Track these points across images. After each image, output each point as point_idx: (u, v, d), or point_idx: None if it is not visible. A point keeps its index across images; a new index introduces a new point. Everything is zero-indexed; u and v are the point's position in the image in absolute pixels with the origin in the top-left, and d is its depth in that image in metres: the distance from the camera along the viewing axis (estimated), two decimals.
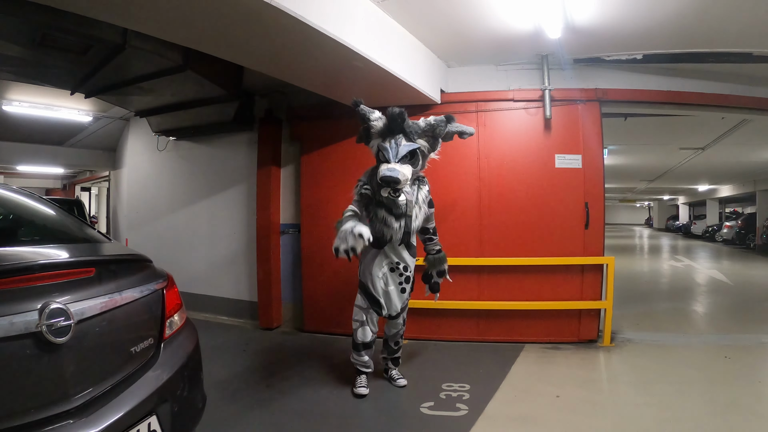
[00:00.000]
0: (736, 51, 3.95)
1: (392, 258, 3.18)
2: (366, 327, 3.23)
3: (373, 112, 3.11)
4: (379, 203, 3.04)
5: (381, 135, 3.09)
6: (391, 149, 2.98)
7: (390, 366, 3.48)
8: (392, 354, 3.45)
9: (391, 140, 3.02)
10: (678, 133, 7.64)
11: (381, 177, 2.88)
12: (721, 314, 5.86)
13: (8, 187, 2.04)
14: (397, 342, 3.41)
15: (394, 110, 3.00)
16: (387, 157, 2.97)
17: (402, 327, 3.37)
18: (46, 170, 11.63)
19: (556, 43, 3.79)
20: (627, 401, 3.06)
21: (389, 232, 3.06)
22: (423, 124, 3.11)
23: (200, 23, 2.56)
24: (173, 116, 5.66)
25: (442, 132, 3.13)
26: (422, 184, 3.22)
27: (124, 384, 1.50)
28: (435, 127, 3.10)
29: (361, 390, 3.21)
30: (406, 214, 3.06)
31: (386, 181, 2.88)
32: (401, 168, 2.91)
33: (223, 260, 5.67)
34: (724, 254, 14.33)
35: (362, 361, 3.28)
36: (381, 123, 3.08)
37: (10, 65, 4.14)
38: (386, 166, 2.92)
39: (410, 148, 3.01)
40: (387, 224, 3.03)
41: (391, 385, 3.38)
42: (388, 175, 2.86)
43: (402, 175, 2.88)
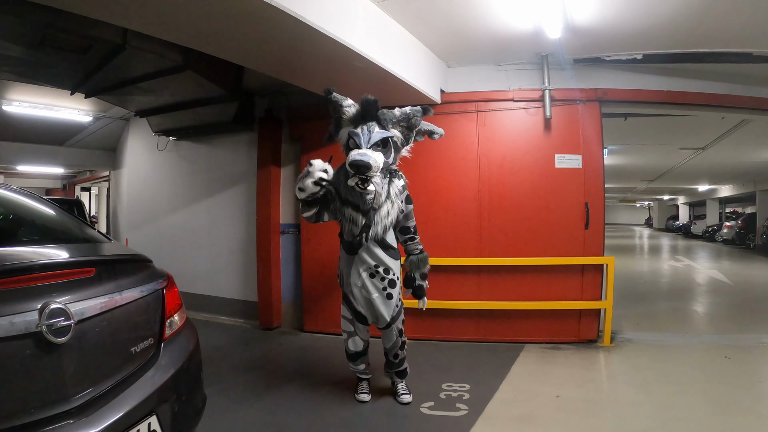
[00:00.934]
0: (736, 51, 3.95)
1: (369, 262, 2.92)
2: (356, 338, 3.06)
3: (346, 99, 2.91)
4: (344, 201, 2.87)
5: (353, 122, 2.88)
6: (363, 135, 2.77)
7: (395, 379, 3.21)
8: (393, 368, 3.16)
9: (363, 126, 2.81)
10: (678, 133, 7.64)
11: (351, 162, 2.66)
12: (721, 314, 5.86)
13: (8, 187, 2.04)
14: (397, 355, 3.08)
15: (369, 97, 2.82)
16: (358, 142, 2.75)
17: (398, 338, 3.04)
18: (46, 170, 11.63)
19: (556, 43, 3.79)
20: (627, 401, 3.06)
21: (355, 230, 2.87)
22: (398, 113, 2.90)
23: (200, 23, 2.56)
24: (173, 116, 5.66)
25: (418, 122, 2.94)
26: (395, 177, 2.98)
27: (124, 384, 1.50)
28: (410, 116, 2.90)
29: (362, 397, 3.15)
30: (373, 208, 2.85)
31: (356, 166, 2.65)
32: (373, 154, 2.69)
33: (223, 260, 5.67)
34: (724, 254, 14.33)
35: (359, 370, 3.18)
36: (353, 110, 2.88)
37: (10, 65, 4.15)
38: (357, 151, 2.70)
39: (383, 135, 2.80)
40: (354, 222, 2.86)
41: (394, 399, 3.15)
42: (359, 159, 2.63)
43: (373, 161, 2.66)
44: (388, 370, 3.22)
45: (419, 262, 3.09)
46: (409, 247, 3.12)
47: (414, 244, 3.12)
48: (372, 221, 2.87)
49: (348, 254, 2.98)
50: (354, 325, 3.06)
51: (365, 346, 3.12)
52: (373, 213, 2.86)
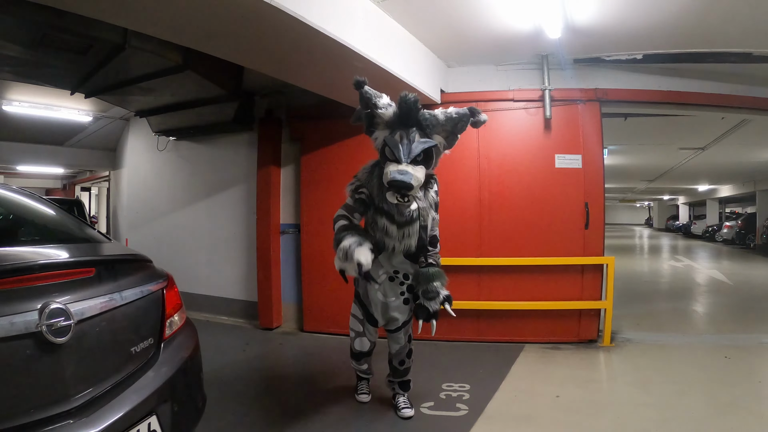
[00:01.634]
0: (736, 51, 3.95)
1: (389, 267, 2.75)
2: (363, 338, 2.92)
3: (382, 96, 2.56)
4: (379, 209, 2.60)
5: (389, 126, 2.55)
6: (402, 146, 2.45)
7: (397, 390, 3.00)
8: (398, 377, 2.97)
9: (403, 135, 2.48)
10: (678, 133, 7.64)
11: (390, 181, 2.39)
12: (721, 314, 5.86)
13: (8, 187, 2.04)
14: (403, 362, 2.92)
15: (409, 97, 2.48)
16: (398, 156, 2.43)
17: (406, 344, 2.91)
18: (46, 170, 11.62)
19: (556, 43, 3.79)
20: (627, 401, 3.06)
21: (390, 242, 2.61)
22: (442, 117, 2.55)
23: (200, 23, 2.56)
24: (173, 116, 5.66)
25: (464, 128, 2.59)
26: (431, 183, 2.75)
27: (124, 384, 1.50)
28: (457, 121, 2.55)
29: (362, 397, 3.12)
30: (416, 222, 2.61)
31: (396, 187, 2.39)
32: (414, 170, 2.41)
33: (223, 260, 5.66)
34: (724, 254, 14.33)
35: (361, 369, 3.11)
36: (391, 111, 2.53)
37: (10, 65, 4.14)
38: (396, 167, 2.40)
39: (426, 145, 2.48)
40: (387, 233, 2.59)
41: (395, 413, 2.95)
42: (400, 179, 2.35)
43: (416, 180, 2.40)
44: (392, 379, 3.03)
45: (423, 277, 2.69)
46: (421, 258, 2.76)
47: (428, 256, 2.76)
48: (407, 234, 2.61)
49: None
50: (364, 326, 2.91)
51: (371, 347, 3.00)
52: (409, 226, 2.60)
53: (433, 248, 2.81)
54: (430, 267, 2.73)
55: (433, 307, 2.69)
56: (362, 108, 2.63)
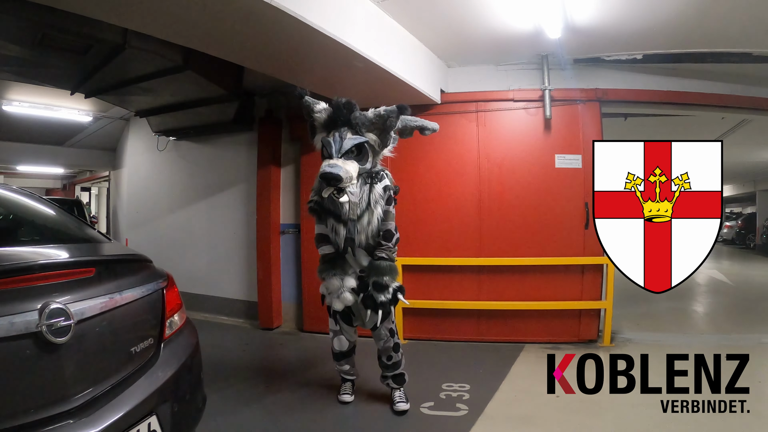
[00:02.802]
0: (736, 51, 3.95)
1: (356, 266, 2.87)
2: (341, 337, 2.98)
3: (318, 103, 2.78)
4: (328, 211, 2.79)
5: (325, 128, 2.75)
6: (334, 143, 2.64)
7: (392, 385, 3.05)
8: (390, 371, 3.02)
9: (335, 133, 2.68)
10: (678, 133, 7.63)
11: (321, 174, 2.58)
12: (721, 314, 5.86)
13: (8, 187, 2.04)
14: (390, 357, 2.97)
15: (340, 100, 2.69)
16: (329, 152, 2.64)
17: (389, 338, 2.95)
18: (46, 170, 11.63)
19: (556, 43, 3.79)
20: (627, 401, 3.06)
21: (339, 240, 2.80)
22: (371, 115, 2.73)
23: (200, 23, 2.56)
24: (173, 116, 5.66)
25: (393, 124, 2.72)
26: (377, 180, 2.84)
27: (124, 384, 1.50)
28: (385, 118, 2.69)
29: (344, 397, 3.08)
30: (350, 219, 2.75)
31: (326, 179, 2.56)
32: (344, 164, 2.58)
33: (223, 260, 5.66)
34: (724, 254, 14.32)
35: (343, 370, 3.11)
36: (325, 114, 2.74)
37: (10, 65, 4.14)
38: (327, 161, 2.61)
39: (355, 141, 2.66)
40: (336, 232, 2.79)
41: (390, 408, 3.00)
42: (328, 171, 2.54)
43: (344, 172, 2.56)
44: (385, 374, 3.07)
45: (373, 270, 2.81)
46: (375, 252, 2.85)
47: (380, 250, 2.84)
48: (354, 232, 2.78)
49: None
50: (339, 324, 2.98)
51: (351, 347, 3.05)
52: (352, 223, 2.76)
53: (386, 242, 2.86)
54: (382, 260, 2.83)
55: (378, 297, 2.81)
56: (305, 117, 2.85)
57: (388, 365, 3.01)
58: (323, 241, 2.92)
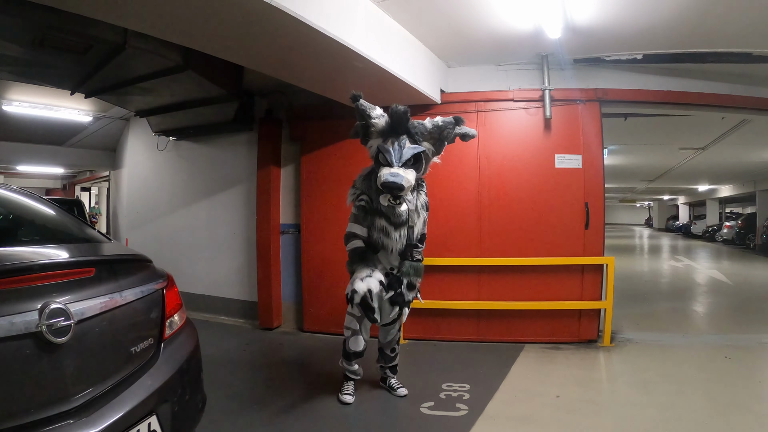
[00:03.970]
0: (736, 51, 3.95)
1: (386, 263, 2.97)
2: (359, 336, 3.04)
3: (374, 108, 2.83)
4: (378, 211, 2.83)
5: (382, 135, 2.81)
6: (393, 152, 2.69)
7: (388, 374, 3.27)
8: (389, 362, 3.24)
9: (394, 141, 2.74)
10: (678, 133, 7.64)
11: (383, 183, 2.62)
12: (721, 314, 5.86)
13: (8, 187, 2.04)
14: (393, 349, 3.21)
15: (399, 108, 2.74)
16: (389, 160, 2.68)
17: (397, 334, 3.19)
18: (46, 170, 11.63)
19: (556, 43, 3.79)
20: (627, 401, 3.06)
21: (389, 243, 2.86)
22: (429, 125, 2.82)
23: (200, 23, 2.56)
24: (173, 116, 5.66)
25: (450, 134, 2.86)
26: (421, 188, 3.00)
27: (124, 384, 1.50)
28: (443, 128, 2.82)
29: (346, 398, 3.07)
30: (407, 224, 2.85)
31: (389, 188, 2.62)
32: (405, 173, 2.65)
33: (223, 260, 5.66)
34: (724, 254, 14.34)
35: (352, 370, 3.14)
36: (383, 121, 2.79)
37: (10, 65, 4.14)
38: (388, 170, 2.65)
39: (415, 151, 2.73)
40: (387, 234, 2.83)
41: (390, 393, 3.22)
42: (392, 181, 2.59)
43: (406, 182, 2.63)
44: (383, 365, 3.27)
45: (412, 269, 2.95)
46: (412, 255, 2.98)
47: (416, 252, 3.01)
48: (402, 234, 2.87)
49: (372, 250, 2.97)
50: (361, 323, 3.03)
51: (365, 347, 3.10)
52: (411, 230, 2.88)
53: (421, 245, 3.06)
54: (419, 263, 3.00)
55: (408, 297, 2.97)
56: (358, 120, 2.90)
57: (391, 357, 3.22)
58: (354, 237, 2.94)
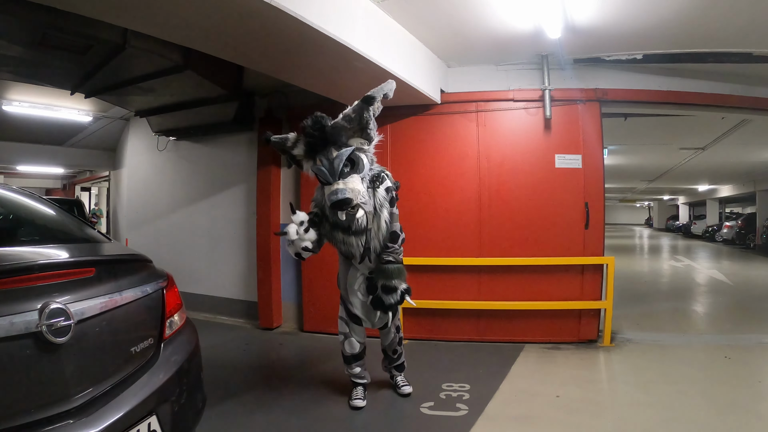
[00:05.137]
0: (736, 51, 3.95)
1: (365, 269, 2.92)
2: (351, 339, 3.02)
3: (286, 137, 2.77)
4: (333, 225, 2.75)
5: (308, 156, 2.71)
6: (325, 169, 2.57)
7: (394, 372, 3.28)
8: (393, 363, 3.24)
9: (321, 158, 2.61)
10: (678, 133, 7.64)
11: (330, 204, 2.55)
12: (721, 314, 5.86)
13: (8, 187, 2.04)
14: (396, 350, 3.18)
15: (307, 122, 2.63)
16: (326, 179, 2.57)
17: (396, 335, 3.14)
18: (46, 170, 11.63)
19: (556, 43, 3.79)
20: (627, 401, 3.06)
21: (354, 251, 2.80)
22: (343, 121, 2.65)
23: (200, 23, 2.56)
24: (173, 116, 5.66)
25: (368, 116, 2.63)
26: (379, 183, 2.79)
27: (124, 384, 1.50)
28: (358, 117, 2.62)
29: (356, 402, 3.03)
30: (366, 229, 2.75)
31: (338, 206, 2.54)
32: (346, 184, 2.53)
33: (223, 260, 5.66)
34: (724, 254, 14.33)
35: (355, 374, 3.12)
36: (301, 145, 2.71)
37: (10, 65, 4.15)
38: (329, 189, 2.55)
39: (345, 156, 2.58)
40: (347, 244, 2.77)
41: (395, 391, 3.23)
42: (336, 199, 2.50)
43: (351, 192, 2.52)
44: (387, 365, 3.29)
45: (381, 273, 2.80)
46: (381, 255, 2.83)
47: (387, 253, 2.82)
48: (369, 241, 2.78)
49: (345, 258, 2.97)
50: (349, 327, 3.04)
51: (362, 348, 3.09)
52: (369, 232, 2.77)
53: (393, 244, 2.85)
54: (389, 264, 2.81)
55: (388, 300, 2.81)
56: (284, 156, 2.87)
57: (393, 358, 3.22)
58: None
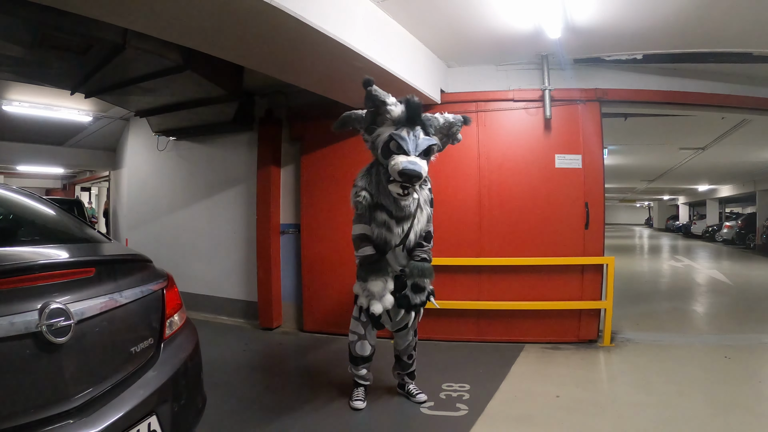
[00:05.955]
0: (736, 51, 3.95)
1: (395, 265, 2.86)
2: (365, 341, 2.95)
3: (388, 96, 2.69)
4: (378, 205, 2.72)
5: (395, 123, 2.67)
6: (409, 140, 2.59)
7: (407, 380, 3.19)
8: (406, 369, 3.15)
9: (410, 131, 2.63)
10: (678, 133, 7.64)
11: (402, 170, 2.50)
12: (721, 314, 5.86)
13: (8, 187, 2.04)
14: (410, 356, 3.11)
15: (414, 99, 2.64)
16: (406, 148, 2.56)
17: (413, 339, 3.09)
18: (46, 170, 11.64)
19: (556, 43, 3.79)
20: (627, 401, 3.06)
21: (391, 237, 2.73)
22: (442, 120, 2.77)
23: (200, 23, 2.56)
24: (173, 116, 5.66)
25: (457, 132, 2.84)
26: (425, 184, 2.89)
27: (124, 384, 1.50)
28: (452, 125, 2.80)
29: (357, 404, 3.01)
30: (410, 218, 2.75)
31: (407, 176, 2.50)
32: (421, 162, 2.56)
33: (223, 260, 5.67)
34: (724, 254, 14.33)
35: (360, 375, 3.07)
36: (399, 109, 2.66)
37: (10, 65, 4.14)
38: (405, 158, 2.53)
39: (429, 143, 2.65)
40: (389, 229, 2.72)
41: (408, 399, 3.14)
42: (411, 169, 2.49)
43: (423, 171, 2.56)
44: (400, 371, 3.18)
45: (416, 270, 2.81)
46: (414, 252, 2.87)
47: (422, 251, 2.87)
48: (405, 229, 2.76)
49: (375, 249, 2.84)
50: (365, 329, 2.95)
51: (372, 351, 3.03)
52: (407, 221, 2.76)
53: (427, 243, 2.91)
54: (424, 262, 2.85)
55: (415, 300, 2.82)
56: (368, 106, 2.73)
57: (408, 363, 3.13)
58: (365, 241, 2.81)
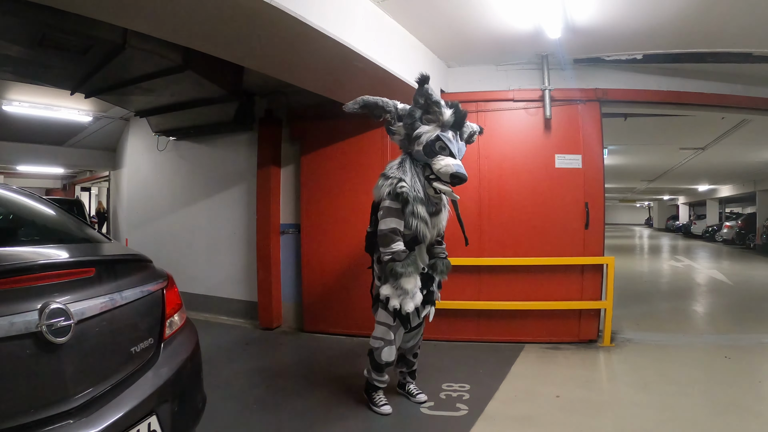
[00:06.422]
0: (736, 51, 3.95)
1: (421, 261, 2.93)
2: (393, 347, 2.86)
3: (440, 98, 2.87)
4: (419, 199, 2.79)
5: (442, 126, 2.80)
6: (455, 144, 2.80)
7: (408, 380, 3.19)
8: (411, 367, 3.18)
9: (455, 135, 2.83)
10: (678, 133, 7.64)
11: (456, 173, 2.71)
12: (721, 314, 5.86)
13: (8, 187, 2.04)
14: (416, 354, 3.16)
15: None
16: (453, 151, 2.77)
17: (421, 336, 3.14)
18: (46, 170, 11.64)
19: (556, 43, 3.79)
20: (627, 401, 3.06)
21: (427, 231, 2.82)
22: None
23: (200, 23, 2.56)
24: (173, 116, 5.66)
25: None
26: None
27: (124, 384, 1.50)
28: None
29: (385, 408, 2.92)
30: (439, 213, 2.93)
31: (459, 178, 2.72)
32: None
33: (223, 260, 5.66)
34: (724, 254, 14.33)
35: (384, 380, 2.97)
36: (450, 113, 2.80)
37: (10, 65, 4.14)
38: (455, 161, 2.75)
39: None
40: (426, 223, 2.79)
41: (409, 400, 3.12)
42: (462, 173, 2.72)
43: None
44: (404, 370, 3.19)
45: (445, 267, 3.01)
46: (436, 250, 3.04)
47: (441, 249, 3.06)
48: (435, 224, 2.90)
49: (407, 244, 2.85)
50: (396, 332, 2.87)
51: (397, 356, 3.01)
52: (438, 216, 2.91)
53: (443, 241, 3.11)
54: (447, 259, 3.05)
55: (437, 296, 3.04)
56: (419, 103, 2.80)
57: (413, 362, 3.18)
58: (394, 235, 2.78)
